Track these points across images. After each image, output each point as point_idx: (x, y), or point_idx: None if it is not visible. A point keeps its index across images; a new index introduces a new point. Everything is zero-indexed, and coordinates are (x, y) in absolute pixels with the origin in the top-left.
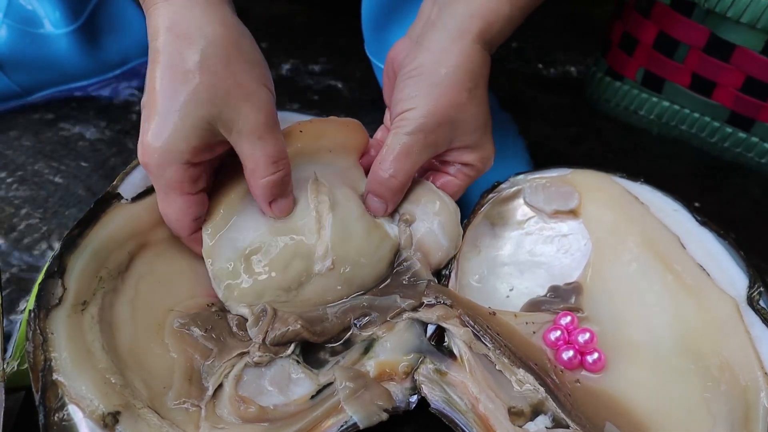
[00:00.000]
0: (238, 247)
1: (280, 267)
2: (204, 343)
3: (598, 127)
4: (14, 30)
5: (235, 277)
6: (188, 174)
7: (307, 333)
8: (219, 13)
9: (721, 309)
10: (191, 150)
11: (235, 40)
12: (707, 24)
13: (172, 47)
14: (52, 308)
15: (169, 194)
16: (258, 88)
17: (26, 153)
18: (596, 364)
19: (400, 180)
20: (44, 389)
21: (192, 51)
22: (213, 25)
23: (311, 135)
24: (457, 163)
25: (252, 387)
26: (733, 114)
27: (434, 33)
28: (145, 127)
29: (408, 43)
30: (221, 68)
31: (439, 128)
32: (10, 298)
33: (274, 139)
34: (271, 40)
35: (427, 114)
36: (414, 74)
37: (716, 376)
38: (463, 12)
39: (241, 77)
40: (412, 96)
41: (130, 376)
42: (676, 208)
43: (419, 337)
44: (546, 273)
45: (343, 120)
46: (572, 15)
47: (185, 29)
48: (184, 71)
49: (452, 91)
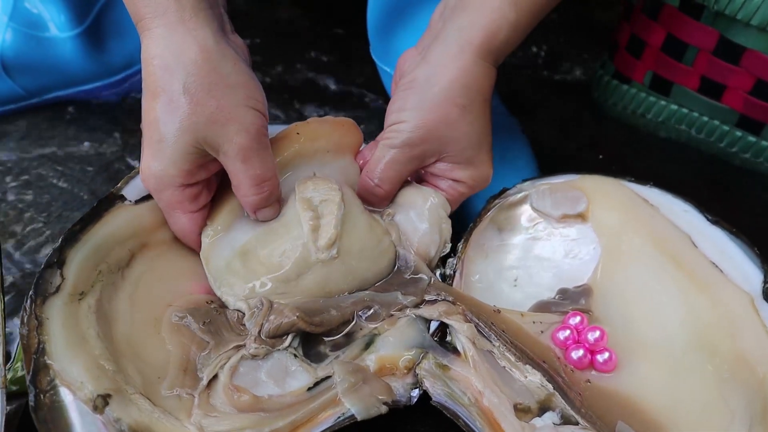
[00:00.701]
0: (235, 246)
1: (276, 259)
2: (201, 336)
3: (606, 130)
4: (19, 33)
5: (232, 273)
6: (186, 194)
7: (303, 323)
8: (199, 39)
9: (736, 304)
10: (183, 174)
11: (214, 66)
12: (716, 26)
13: (155, 77)
14: (49, 296)
15: (171, 214)
16: (240, 111)
17: (30, 156)
18: (607, 364)
19: (386, 189)
20: (35, 371)
21: (174, 81)
22: (191, 53)
23: (308, 137)
24: (448, 178)
25: (248, 378)
26: (743, 117)
27: (437, 46)
28: (143, 154)
29: (415, 53)
30: (202, 95)
31: (424, 143)
32: (13, 303)
33: (259, 161)
34: (274, 43)
35: (415, 129)
36: (408, 87)
37: (732, 370)
38: (464, 24)
39: (223, 102)
40: (404, 109)
41: (124, 364)
42: (687, 209)
43: (422, 333)
44: (554, 277)
45: (339, 120)
46: (579, 17)
47: (166, 60)
48: (169, 100)
49: (442, 107)
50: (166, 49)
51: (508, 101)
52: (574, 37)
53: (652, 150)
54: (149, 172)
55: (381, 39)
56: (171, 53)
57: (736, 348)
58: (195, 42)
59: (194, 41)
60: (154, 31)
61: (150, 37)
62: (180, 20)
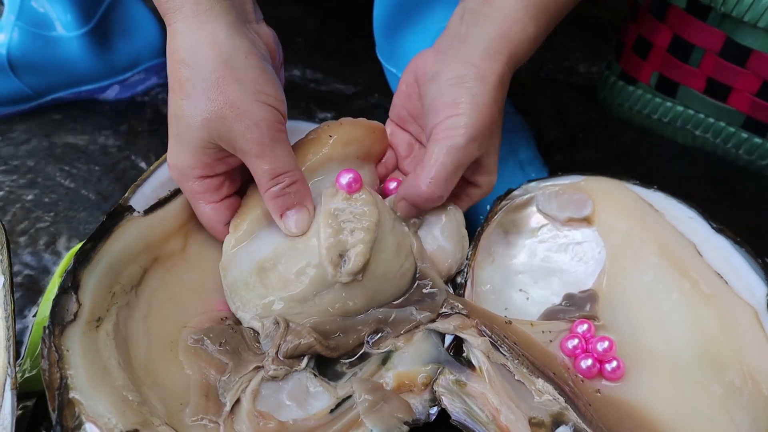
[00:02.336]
0: (254, 260)
1: (294, 278)
2: (219, 358)
3: (612, 131)
4: (26, 33)
5: (248, 289)
6: (206, 185)
7: (320, 346)
8: (211, 33)
9: (741, 317)
10: (202, 166)
11: (225, 59)
12: (723, 28)
13: (174, 72)
14: (67, 324)
15: (195, 204)
16: (252, 106)
17: (37, 156)
18: (615, 373)
19: (442, 194)
20: (61, 408)
21: (187, 76)
22: (203, 47)
23: (340, 140)
24: (469, 181)
25: (270, 401)
26: (749, 119)
27: (466, 48)
28: (168, 145)
29: (435, 54)
30: (212, 91)
31: (485, 139)
32: (20, 302)
33: (273, 156)
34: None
35: (475, 123)
36: (456, 82)
37: (738, 385)
38: (491, 34)
39: (233, 97)
40: (459, 102)
41: (146, 393)
42: (692, 216)
43: (437, 347)
44: (560, 281)
45: (372, 124)
46: (586, 17)
47: (181, 55)
48: (184, 96)
49: (492, 108)
50: (181, 44)
51: (515, 100)
52: (580, 37)
53: (658, 150)
54: (172, 164)
55: (387, 39)
56: (185, 48)
57: (741, 363)
58: (207, 36)
59: (206, 35)
60: (173, 27)
61: (170, 32)
62: (195, 14)
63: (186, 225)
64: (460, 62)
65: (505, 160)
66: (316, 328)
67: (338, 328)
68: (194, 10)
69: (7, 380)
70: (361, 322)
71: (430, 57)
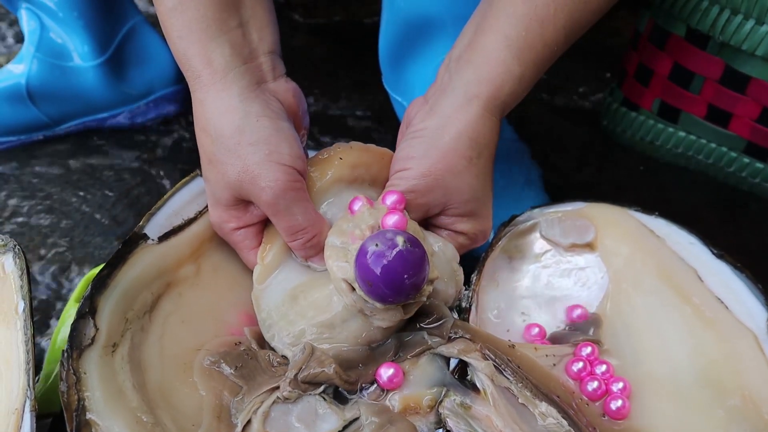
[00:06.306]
0: (285, 288)
1: (323, 305)
2: (234, 380)
3: (615, 157)
4: (45, 63)
5: (281, 317)
6: (244, 235)
7: (339, 381)
8: (225, 101)
9: (741, 342)
10: (235, 220)
11: (239, 126)
12: (722, 56)
13: (199, 140)
14: (85, 348)
15: (239, 252)
16: (264, 168)
17: (53, 182)
18: (623, 393)
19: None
20: (78, 428)
21: (208, 143)
22: (220, 117)
23: (349, 164)
24: (450, 230)
25: (280, 423)
26: (750, 144)
27: (444, 98)
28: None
29: (423, 103)
30: (231, 157)
31: (430, 192)
32: (36, 325)
33: (288, 215)
34: (289, 71)
35: (421, 176)
36: (417, 135)
37: (740, 409)
38: (471, 78)
39: (247, 161)
40: (411, 156)
41: (160, 415)
42: (692, 242)
43: (442, 370)
44: (564, 306)
45: (381, 151)
46: (588, 43)
47: (201, 123)
48: (208, 161)
49: (451, 156)
50: (202, 114)
51: (518, 127)
52: (583, 64)
53: (661, 176)
54: (211, 220)
55: (393, 69)
56: (205, 118)
57: (742, 388)
58: (222, 105)
59: (222, 104)
60: (194, 95)
61: (193, 100)
62: (211, 82)
63: (199, 250)
64: (432, 114)
65: (509, 186)
66: (341, 356)
67: (361, 358)
68: (210, 79)
69: (27, 402)
70: (382, 353)
71: (416, 107)
